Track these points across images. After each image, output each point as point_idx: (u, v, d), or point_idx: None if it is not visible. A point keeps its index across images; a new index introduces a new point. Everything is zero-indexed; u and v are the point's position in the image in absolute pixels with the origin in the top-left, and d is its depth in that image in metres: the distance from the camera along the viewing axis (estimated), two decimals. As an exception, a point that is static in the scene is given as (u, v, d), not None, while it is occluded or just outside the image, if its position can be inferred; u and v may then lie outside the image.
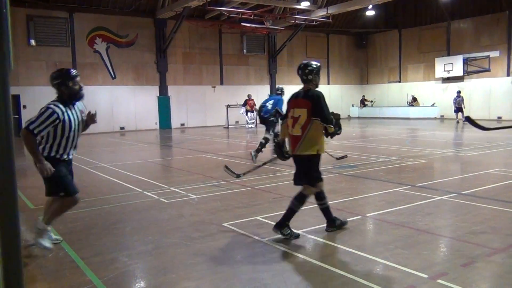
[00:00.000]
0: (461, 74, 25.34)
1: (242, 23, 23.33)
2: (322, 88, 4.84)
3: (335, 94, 30.21)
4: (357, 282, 3.52)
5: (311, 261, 4.02)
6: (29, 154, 4.18)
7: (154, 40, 23.31)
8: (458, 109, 22.51)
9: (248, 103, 23.53)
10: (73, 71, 4.47)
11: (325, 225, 4.90)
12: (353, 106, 31.33)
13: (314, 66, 4.64)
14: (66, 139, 4.33)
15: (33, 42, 20.22)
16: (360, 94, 31.56)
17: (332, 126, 4.45)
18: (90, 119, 4.67)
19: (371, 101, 30.88)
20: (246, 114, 23.65)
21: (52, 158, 4.29)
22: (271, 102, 10.73)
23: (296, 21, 24.06)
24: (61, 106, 4.28)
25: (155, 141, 17.77)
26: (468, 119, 4.09)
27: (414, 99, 28.26)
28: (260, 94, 25.87)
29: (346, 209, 5.79)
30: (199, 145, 15.12)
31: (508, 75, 24.05)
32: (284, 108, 5.80)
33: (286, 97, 9.45)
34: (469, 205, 5.94)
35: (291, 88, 5.11)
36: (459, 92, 22.97)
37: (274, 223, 4.68)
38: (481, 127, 4.17)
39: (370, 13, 26.12)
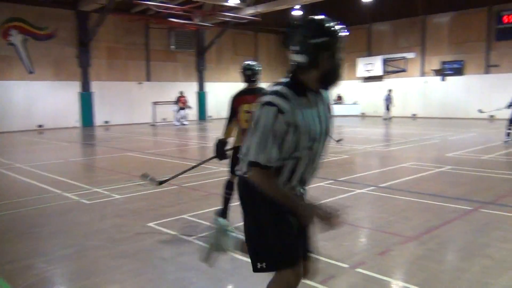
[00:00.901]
0: (380, 73, 26.85)
1: (170, 19, 22.90)
2: None
3: (264, 92, 30.59)
4: (281, 276, 3.61)
5: (238, 257, 4.05)
6: None
7: (76, 33, 22.14)
8: (388, 107, 23.84)
9: (180, 100, 23.21)
10: None
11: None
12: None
13: (260, 67, 5.04)
14: None
15: None
16: (287, 92, 32.25)
17: None
18: None
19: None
20: (178, 112, 23.33)
21: None
22: None
23: (225, 19, 24.08)
24: None
25: (77, 140, 16.94)
26: None
27: (339, 97, 29.48)
28: (189, 91, 25.59)
29: (273, 205, 5.90)
30: (124, 143, 14.65)
31: (422, 75, 25.85)
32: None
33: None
34: (385, 197, 6.32)
35: (219, 85, 5.16)
36: (390, 90, 24.31)
37: (201, 221, 4.67)
38: None
39: (297, 13, 26.80)
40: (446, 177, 7.81)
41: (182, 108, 23.36)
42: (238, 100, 4.84)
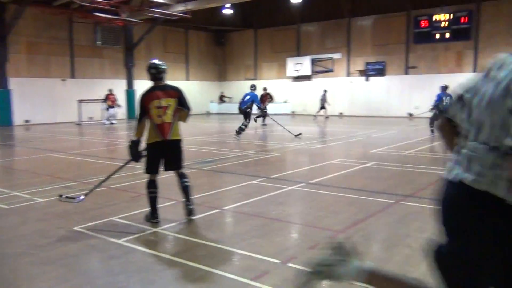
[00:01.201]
0: (309, 73, 27.67)
1: (95, 13, 21.94)
2: (182, 83, 4.99)
3: (194, 90, 30.36)
4: (214, 274, 3.62)
5: (168, 257, 4.00)
6: None
7: (-10, 26, 20.55)
8: (323, 107, 24.54)
9: (109, 98, 22.35)
10: None
11: (184, 220, 5.00)
12: (212, 102, 31.92)
13: (167, 65, 5.23)
14: None
15: None
16: (218, 90, 32.30)
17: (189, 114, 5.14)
18: None
19: (229, 98, 31.86)
20: (107, 110, 22.45)
21: None
22: (248, 97, 14.13)
23: (154, 15, 23.53)
24: None
25: (-6, 140, 15.75)
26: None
27: (270, 96, 29.86)
28: (118, 88, 24.72)
29: (205, 204, 5.89)
30: (47, 143, 13.85)
31: (348, 75, 26.99)
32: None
33: (258, 93, 13.36)
34: (315, 193, 6.54)
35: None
36: (325, 91, 25.03)
37: (130, 223, 4.55)
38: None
39: (228, 11, 26.88)
40: (370, 173, 8.24)
41: (110, 107, 22.54)
42: (148, 98, 4.97)
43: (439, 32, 23.30)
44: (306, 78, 28.15)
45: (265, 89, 21.18)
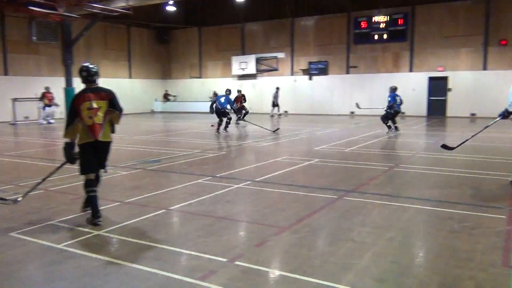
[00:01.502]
0: (254, 72, 27.84)
1: (30, 7, 20.78)
2: (125, 81, 4.91)
3: (138, 88, 29.67)
4: (160, 276, 3.55)
5: (113, 261, 3.88)
6: None
7: None
8: (275, 104, 24.67)
9: (46, 96, 21.28)
10: None
11: (128, 222, 4.88)
12: (156, 100, 31.31)
13: (98, 67, 5.31)
14: None
15: None
16: (163, 89, 31.72)
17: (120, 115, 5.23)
18: None
19: (174, 96, 31.40)
20: (44, 109, 21.37)
21: None
22: (222, 98, 15.45)
23: (94, 10, 22.66)
24: None
25: None
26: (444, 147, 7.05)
27: (216, 95, 29.78)
28: (56, 86, 23.60)
29: (150, 204, 5.77)
30: (-22, 145, 12.97)
31: (292, 74, 27.44)
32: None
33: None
34: (261, 191, 6.60)
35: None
36: (277, 88, 25.19)
37: (71, 226, 4.37)
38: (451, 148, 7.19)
39: (171, 8, 26.43)
40: (314, 169, 8.44)
41: (47, 105, 21.49)
42: (79, 100, 5.04)
43: (377, 33, 24.24)
44: (252, 76, 28.31)
45: (239, 91, 21.59)
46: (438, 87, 23.25)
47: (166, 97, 31.44)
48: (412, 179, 7.51)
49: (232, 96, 16.97)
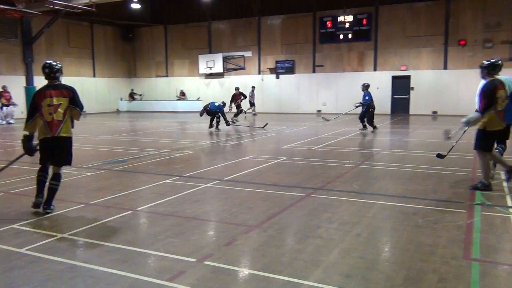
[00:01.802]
0: (221, 71, 27.76)
1: (-14, 3, 19.95)
2: (88, 80, 4.86)
3: (102, 87, 29.03)
4: (128, 278, 3.49)
5: (79, 264, 3.79)
6: None
7: None
8: (251, 103, 24.62)
9: (3, 96, 20.50)
10: None
11: (93, 224, 4.78)
12: (121, 99, 30.72)
13: (61, 65, 5.45)
14: None
15: None
16: (128, 88, 31.15)
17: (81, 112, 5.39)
18: None
19: (140, 95, 30.89)
20: (1, 109, 20.57)
21: None
22: (216, 103, 15.65)
23: (55, 7, 21.98)
24: None
25: None
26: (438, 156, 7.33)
27: (183, 94, 29.59)
28: (16, 85, 22.80)
29: (116, 205, 5.66)
30: None
31: (259, 73, 27.50)
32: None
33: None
34: (230, 190, 6.59)
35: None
36: (253, 87, 25.11)
37: (34, 230, 4.23)
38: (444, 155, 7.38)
39: (136, 6, 25.97)
40: (283, 168, 8.49)
41: (5, 105, 20.73)
42: (40, 96, 5.20)
43: (342, 32, 24.63)
44: (219, 75, 28.21)
45: (237, 89, 21.44)
46: (401, 86, 23.86)
47: (131, 96, 30.89)
48: (378, 176, 7.68)
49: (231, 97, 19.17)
